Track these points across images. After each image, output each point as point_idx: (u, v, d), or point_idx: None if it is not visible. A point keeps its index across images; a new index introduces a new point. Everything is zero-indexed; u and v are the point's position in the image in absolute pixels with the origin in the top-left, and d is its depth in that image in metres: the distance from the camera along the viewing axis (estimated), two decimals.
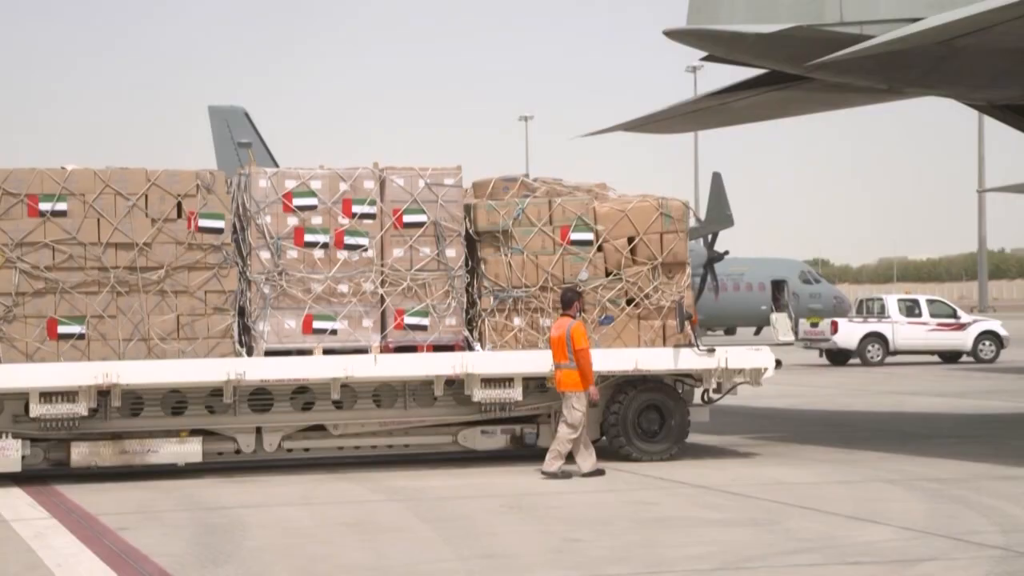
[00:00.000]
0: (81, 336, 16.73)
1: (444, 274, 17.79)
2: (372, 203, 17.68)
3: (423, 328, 17.74)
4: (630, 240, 18.35)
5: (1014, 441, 20.63)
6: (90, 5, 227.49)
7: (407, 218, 17.75)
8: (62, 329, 16.69)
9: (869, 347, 40.71)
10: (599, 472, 16.77)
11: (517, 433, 18.07)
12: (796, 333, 44.85)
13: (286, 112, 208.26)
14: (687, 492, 15.71)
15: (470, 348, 17.91)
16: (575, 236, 18.17)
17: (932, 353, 42.12)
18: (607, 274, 18.26)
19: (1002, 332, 42.54)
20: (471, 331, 18.09)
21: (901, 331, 41.08)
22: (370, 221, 17.67)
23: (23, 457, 16.52)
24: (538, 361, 17.36)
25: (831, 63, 18.91)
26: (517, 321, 18.00)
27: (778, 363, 18.58)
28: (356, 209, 17.62)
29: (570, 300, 17.12)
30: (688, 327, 18.33)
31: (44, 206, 16.72)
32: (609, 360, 17.71)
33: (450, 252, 17.83)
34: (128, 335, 16.84)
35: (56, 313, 16.71)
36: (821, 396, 19.73)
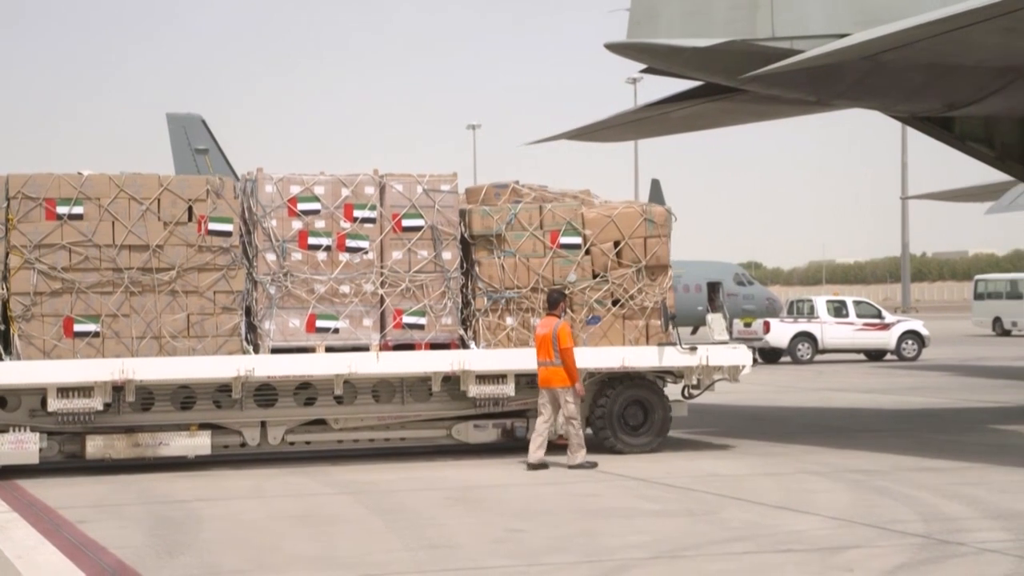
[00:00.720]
0: (96, 334, 16.78)
1: (441, 276, 17.94)
2: (372, 208, 17.83)
3: (421, 327, 17.88)
4: (616, 244, 18.58)
5: (933, 435, 20.79)
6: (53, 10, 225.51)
7: (406, 222, 17.91)
8: (78, 327, 16.74)
9: (799, 346, 40.90)
10: (592, 464, 16.90)
11: (508, 427, 18.26)
12: (730, 333, 44.99)
13: (241, 120, 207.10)
14: (626, 484, 15.72)
15: (465, 346, 18.07)
16: (564, 240, 18.39)
17: (858, 352, 42.37)
18: (594, 276, 18.47)
19: (923, 332, 42.85)
20: (466, 330, 18.24)
21: (829, 331, 41.30)
22: (370, 225, 17.81)
23: (40, 450, 16.50)
24: (530, 359, 17.49)
25: (763, 76, 18.99)
26: (509, 320, 18.21)
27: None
28: (357, 214, 17.75)
29: (556, 300, 17.33)
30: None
31: (61, 209, 16.78)
32: (597, 358, 17.98)
33: (446, 255, 18.00)
34: (141, 333, 16.93)
35: (72, 312, 16.75)
36: (754, 393, 19.82)
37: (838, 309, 42.20)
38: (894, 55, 18.94)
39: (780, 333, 40.92)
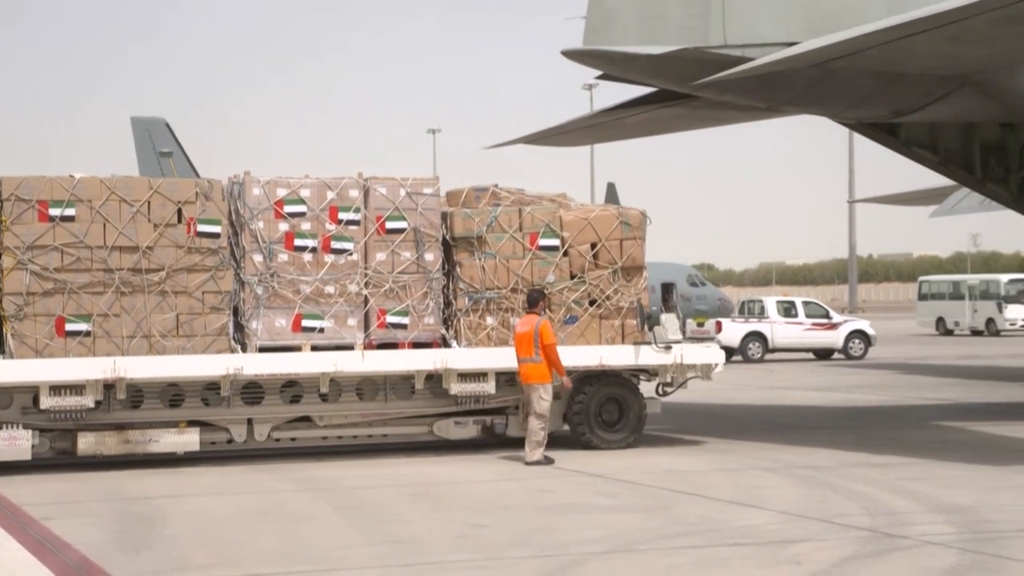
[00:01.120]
0: (87, 333, 16.77)
1: (423, 277, 18.00)
2: (357, 210, 17.86)
3: (403, 327, 17.94)
4: (593, 246, 18.70)
5: (879, 431, 20.92)
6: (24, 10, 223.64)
7: (389, 224, 17.95)
8: (69, 327, 16.74)
9: (750, 345, 41.08)
10: (548, 460, 16.96)
11: (488, 424, 18.32)
12: (684, 333, 45.18)
13: (207, 122, 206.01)
14: (583, 480, 15.74)
15: (446, 345, 18.12)
16: (543, 242, 18.50)
17: (807, 351, 42.58)
18: (572, 277, 18.58)
19: (870, 331, 43.13)
20: (447, 329, 18.29)
21: (779, 330, 41.51)
22: (355, 227, 17.85)
23: (32, 446, 16.50)
24: (510, 357, 17.58)
25: (716, 83, 19.07)
26: (490, 320, 18.28)
27: None
28: (342, 216, 17.79)
29: (536, 299, 17.44)
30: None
31: (54, 211, 16.77)
32: (575, 356, 18.04)
33: (428, 256, 18.07)
34: (131, 332, 16.92)
35: (64, 312, 16.75)
36: (707, 391, 19.91)
37: (787, 309, 42.42)
38: (842, 63, 19.07)
39: (732, 333, 41.08)
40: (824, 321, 42.49)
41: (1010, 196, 24.16)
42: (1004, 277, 64.56)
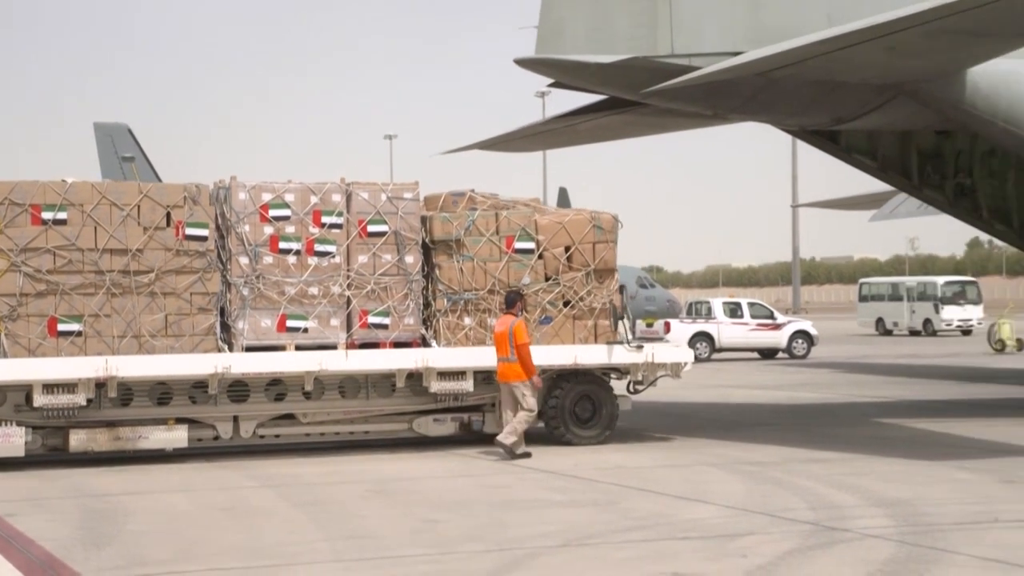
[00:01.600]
0: (79, 333, 16.82)
1: (403, 278, 18.11)
2: (339, 214, 17.92)
3: (385, 327, 18.04)
4: (567, 249, 18.82)
5: (822, 428, 21.03)
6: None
7: (371, 228, 18.05)
8: (62, 327, 16.77)
9: (697, 345, 41.17)
10: (527, 455, 17.10)
11: (465, 421, 18.44)
12: (633, 333, 45.32)
13: (168, 127, 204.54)
14: (536, 477, 15.75)
15: (426, 345, 18.19)
16: (519, 245, 18.62)
17: (752, 350, 42.80)
18: (547, 279, 18.72)
19: (812, 331, 43.39)
20: (427, 329, 18.37)
21: (725, 331, 41.72)
22: (337, 230, 17.92)
23: (25, 443, 16.50)
24: (487, 357, 17.74)
25: (663, 91, 19.15)
26: (468, 321, 18.38)
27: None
28: (325, 220, 17.87)
29: (513, 300, 17.61)
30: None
31: (46, 215, 16.80)
32: (551, 355, 18.17)
33: (409, 259, 18.16)
34: (122, 332, 16.97)
35: (56, 312, 16.78)
36: (655, 389, 20.01)
37: (733, 310, 42.63)
38: (784, 72, 19.21)
39: (680, 333, 41.18)
40: (769, 322, 42.72)
41: (946, 201, 24.42)
42: (940, 279, 65.18)
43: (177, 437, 17.10)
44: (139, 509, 13.64)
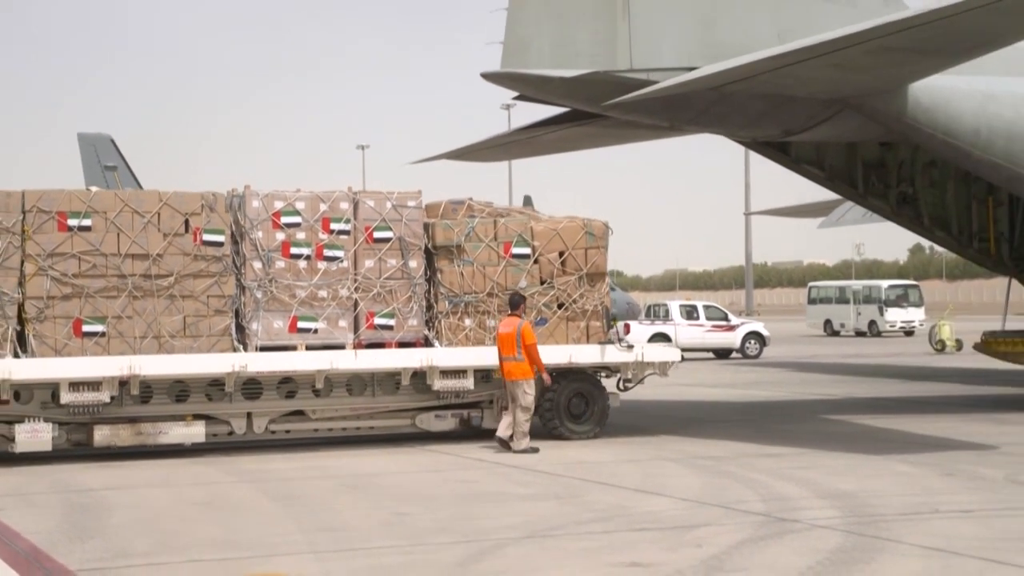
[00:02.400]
0: (102, 334, 16.92)
1: (407, 282, 18.26)
2: (347, 221, 18.09)
3: (390, 328, 18.20)
4: (560, 254, 19.04)
5: (773, 424, 21.12)
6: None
7: (376, 234, 18.22)
8: (86, 328, 16.88)
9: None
10: (534, 450, 17.20)
11: (465, 416, 18.56)
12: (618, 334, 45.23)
13: (148, 137, 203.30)
14: (502, 471, 15.75)
15: (429, 345, 18.31)
16: (516, 251, 18.83)
17: (708, 351, 42.91)
18: (542, 283, 18.92)
19: (765, 333, 43.55)
20: (429, 330, 18.46)
21: (682, 332, 41.70)
22: (345, 237, 18.09)
23: (52, 438, 16.55)
24: (487, 356, 17.97)
25: (623, 104, 19.20)
26: (468, 322, 18.54)
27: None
28: (334, 226, 18.03)
29: (517, 303, 17.80)
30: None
31: (72, 222, 16.92)
32: (548, 355, 18.25)
33: (412, 263, 18.33)
34: (143, 333, 17.09)
35: (81, 314, 16.89)
36: (611, 388, 20.08)
37: (690, 312, 42.73)
38: (737, 87, 19.29)
39: (639, 334, 41.26)
40: (723, 323, 42.86)
41: (889, 209, 24.55)
42: (885, 283, 65.60)
43: (195, 432, 17.23)
44: (121, 503, 13.56)
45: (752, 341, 42.85)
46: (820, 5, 20.11)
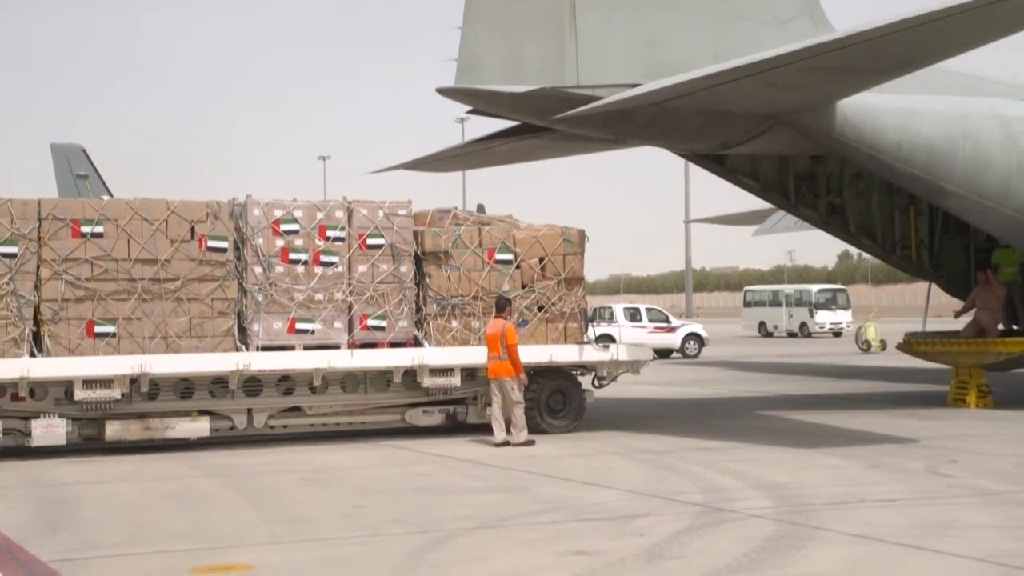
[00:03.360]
0: (113, 335, 16.98)
1: (398, 286, 18.37)
2: (342, 229, 18.19)
3: (382, 329, 18.32)
4: (540, 260, 19.27)
5: (711, 420, 21.22)
6: None
7: (370, 241, 18.35)
8: (98, 329, 16.96)
9: None
10: (531, 442, 17.41)
11: (451, 412, 18.70)
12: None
13: (118, 147, 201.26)
14: (456, 465, 15.73)
15: (418, 345, 18.43)
16: (499, 256, 19.05)
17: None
18: (523, 287, 19.14)
19: (703, 334, 43.76)
20: (419, 331, 18.55)
21: (626, 333, 41.57)
22: (340, 243, 18.20)
23: (66, 433, 16.58)
24: (473, 355, 18.18)
25: (570, 118, 19.24)
26: (455, 323, 18.71)
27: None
28: (330, 233, 18.15)
29: (503, 305, 17.98)
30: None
31: (85, 229, 16.99)
32: (530, 354, 18.49)
33: (403, 268, 18.47)
34: (151, 334, 17.18)
35: (93, 316, 16.95)
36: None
37: (633, 315, 42.86)
38: (677, 102, 19.37)
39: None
40: (664, 325, 43.01)
41: (819, 218, 24.74)
42: (815, 287, 66.04)
43: (200, 427, 17.29)
44: (92, 497, 13.41)
45: (691, 342, 43.04)
46: (754, 27, 20.25)
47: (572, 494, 13.19)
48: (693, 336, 43.40)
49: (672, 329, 43.00)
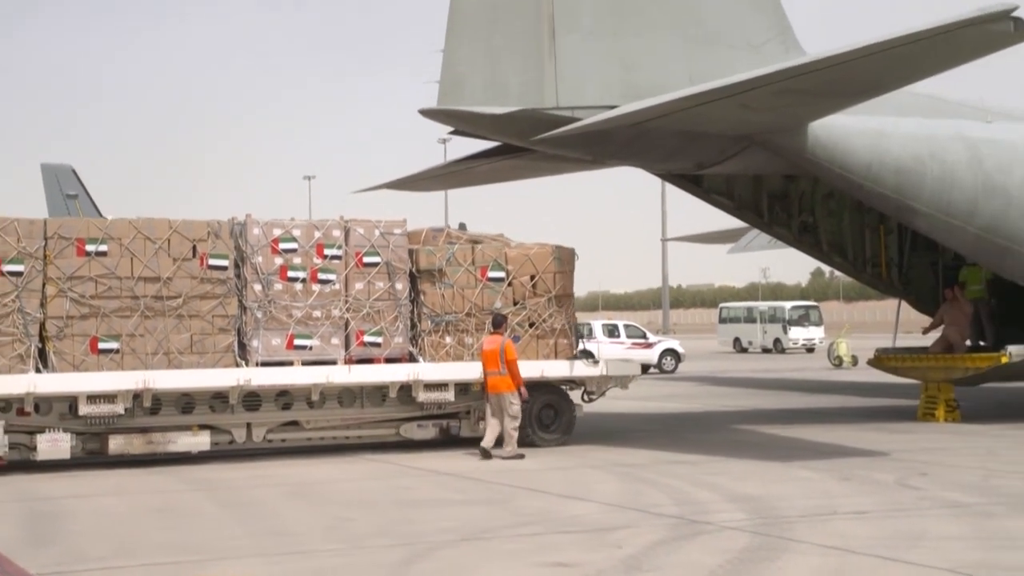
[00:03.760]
0: (117, 351, 16.99)
1: (394, 303, 18.43)
2: (339, 247, 18.27)
3: (378, 345, 18.38)
4: (532, 278, 19.33)
5: (687, 434, 21.23)
6: None
7: (366, 259, 18.41)
8: (102, 345, 16.98)
9: None
10: (520, 456, 17.46)
11: (444, 426, 18.75)
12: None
13: (107, 167, 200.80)
14: (438, 479, 15.69)
15: (413, 360, 18.46)
16: (492, 274, 19.12)
17: None
18: (515, 303, 19.20)
19: (680, 350, 43.85)
20: (414, 347, 18.57)
21: (604, 349, 41.68)
22: (337, 261, 18.24)
23: (71, 447, 16.56)
24: (466, 371, 18.29)
25: (550, 139, 19.28)
26: (448, 340, 18.77)
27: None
28: (327, 252, 18.21)
29: (499, 322, 18.10)
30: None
31: (89, 247, 17.03)
32: (522, 369, 18.41)
33: (398, 286, 18.51)
34: (154, 350, 17.25)
35: (97, 332, 16.96)
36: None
37: (611, 331, 42.92)
38: (654, 124, 19.44)
39: None
40: (642, 341, 43.08)
41: (792, 237, 24.83)
42: (788, 304, 66.33)
43: (201, 441, 17.29)
44: (80, 511, 13.33)
45: (668, 357, 43.11)
46: (728, 51, 20.36)
47: (551, 507, 13.17)
48: (670, 352, 43.47)
49: (649, 345, 43.06)
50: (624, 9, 19.83)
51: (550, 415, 19.21)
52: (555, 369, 19.19)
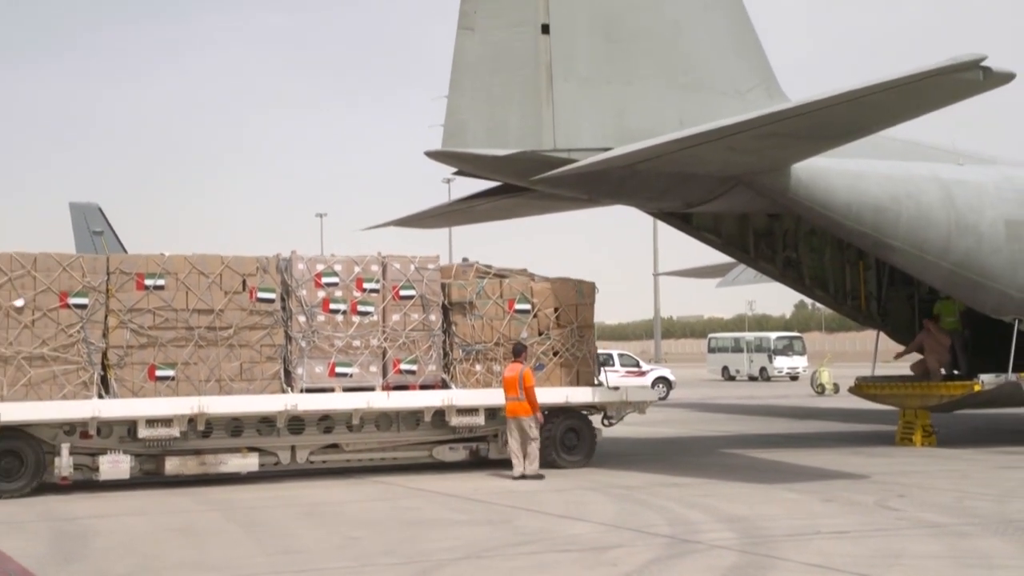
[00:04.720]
0: (172, 378, 17.18)
1: (428, 333, 18.66)
2: (377, 281, 18.51)
3: (413, 372, 18.61)
4: (555, 309, 19.62)
5: (679, 457, 21.19)
6: None
7: (402, 292, 18.67)
8: (159, 373, 17.17)
9: None
10: (540, 476, 17.65)
11: (475, 449, 18.97)
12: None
13: (129, 206, 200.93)
14: (441, 500, 15.67)
15: (446, 387, 18.67)
16: (518, 306, 19.42)
17: None
18: (539, 334, 19.46)
19: (671, 377, 43.80)
20: (446, 374, 18.80)
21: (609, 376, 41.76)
22: (375, 294, 18.49)
23: (130, 468, 16.76)
24: (495, 396, 18.43)
25: (548, 179, 19.36)
26: (478, 367, 19.03)
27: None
28: (366, 286, 18.47)
29: (519, 351, 18.36)
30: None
31: (148, 282, 17.27)
32: (548, 395, 18.80)
33: (432, 317, 18.74)
34: (206, 377, 17.34)
35: (155, 361, 17.18)
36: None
37: (606, 360, 42.49)
38: (645, 165, 19.53)
39: None
40: (635, 369, 43.03)
41: (776, 271, 24.87)
42: (773, 335, 66.31)
43: (250, 463, 17.48)
44: (103, 530, 13.32)
45: (660, 385, 43.02)
46: (715, 97, 20.49)
47: (550, 526, 13.14)
48: (662, 379, 43.41)
49: (642, 373, 42.99)
50: (617, 58, 19.97)
51: (573, 438, 19.37)
52: (579, 395, 19.41)
